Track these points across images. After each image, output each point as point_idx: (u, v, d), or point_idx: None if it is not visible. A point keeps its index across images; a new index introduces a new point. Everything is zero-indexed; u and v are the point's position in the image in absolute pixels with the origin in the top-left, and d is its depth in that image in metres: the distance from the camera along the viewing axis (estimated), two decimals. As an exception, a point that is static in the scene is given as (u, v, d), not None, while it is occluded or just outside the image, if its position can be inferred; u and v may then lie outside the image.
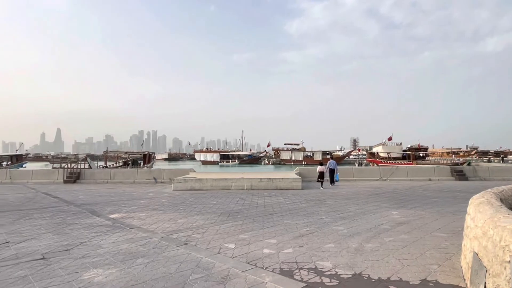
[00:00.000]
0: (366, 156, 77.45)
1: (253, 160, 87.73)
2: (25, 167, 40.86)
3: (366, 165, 61.91)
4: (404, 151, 58.55)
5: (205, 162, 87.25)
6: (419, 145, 61.51)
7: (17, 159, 43.39)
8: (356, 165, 62.41)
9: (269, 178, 17.78)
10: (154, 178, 22.27)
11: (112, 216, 9.75)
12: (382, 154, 58.30)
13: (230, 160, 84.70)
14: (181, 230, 7.82)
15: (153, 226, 8.24)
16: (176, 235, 7.26)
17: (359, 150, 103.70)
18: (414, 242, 6.48)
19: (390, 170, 23.25)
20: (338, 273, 4.81)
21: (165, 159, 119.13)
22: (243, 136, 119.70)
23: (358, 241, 6.56)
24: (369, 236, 7.00)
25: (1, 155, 45.18)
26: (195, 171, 24.03)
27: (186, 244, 6.52)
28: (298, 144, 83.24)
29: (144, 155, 36.64)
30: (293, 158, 77.04)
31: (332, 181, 19.72)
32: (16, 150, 68.65)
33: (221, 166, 77.08)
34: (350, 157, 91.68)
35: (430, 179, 22.31)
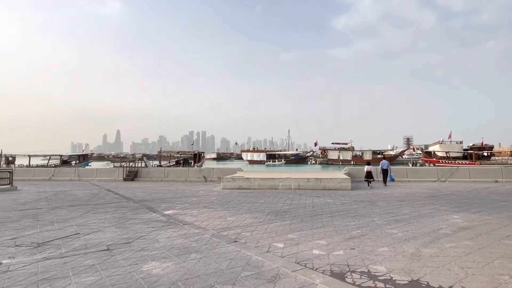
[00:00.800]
0: (421, 156, 72.65)
1: (299, 159, 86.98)
2: (90, 165, 44.86)
3: (421, 165, 58.13)
4: (465, 150, 53.90)
5: (251, 162, 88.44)
6: (482, 143, 56.12)
7: (84, 159, 47.81)
8: (410, 165, 58.84)
9: (317, 178, 17.49)
10: (204, 177, 23.08)
11: (167, 212, 10.31)
12: (439, 154, 54.26)
13: (277, 160, 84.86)
14: (230, 227, 8.02)
15: (204, 223, 8.55)
16: (226, 233, 7.46)
17: (413, 149, 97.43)
18: (480, 249, 5.94)
19: (450, 171, 21.54)
20: (393, 278, 4.59)
21: (214, 159, 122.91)
22: (289, 136, 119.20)
23: (415, 246, 6.18)
24: (427, 240, 6.57)
25: (71, 155, 50.08)
26: (242, 170, 24.46)
27: (236, 241, 6.67)
28: (346, 144, 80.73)
29: (195, 155, 38.18)
30: (341, 158, 74.92)
31: (385, 181, 18.91)
32: (83, 150, 75.81)
33: (267, 165, 77.55)
34: (403, 156, 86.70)
35: (496, 181, 20.25)
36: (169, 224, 8.54)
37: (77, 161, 46.02)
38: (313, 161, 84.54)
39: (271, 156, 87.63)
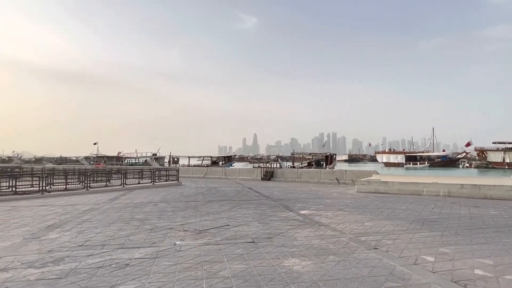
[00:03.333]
0: None
1: (447, 162, 75.00)
2: (233, 166, 50.57)
3: None
4: None
5: (387, 164, 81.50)
6: None
7: (228, 160, 54.35)
8: None
9: (474, 184, 14.69)
10: (337, 179, 22.70)
11: (302, 212, 10.64)
12: None
13: (418, 162, 75.56)
14: (369, 233, 7.63)
15: (340, 226, 8.42)
16: (364, 238, 7.14)
17: None
18: None
19: None
20: None
21: (345, 161, 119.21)
22: (433, 135, 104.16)
23: None
24: None
25: (218, 157, 57.75)
26: (378, 173, 22.86)
27: (376, 248, 6.30)
28: (515, 143, 64.73)
29: (326, 156, 37.99)
30: (507, 161, 60.74)
31: None
32: (227, 152, 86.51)
33: (407, 168, 70.02)
34: None
35: None
36: (305, 223, 8.78)
37: (223, 162, 52.66)
38: (467, 164, 71.47)
39: (411, 158, 78.59)
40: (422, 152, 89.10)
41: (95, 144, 61.55)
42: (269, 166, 28.33)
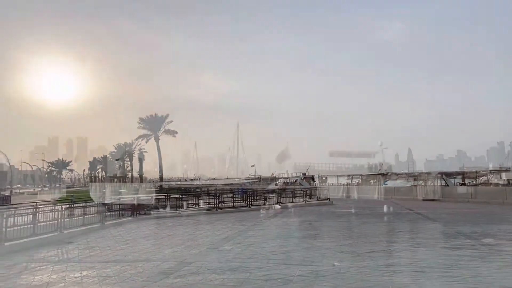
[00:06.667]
0: None
1: None
2: (387, 184, 46.62)
3: None
4: None
5: None
6: None
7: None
8: None
9: None
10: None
11: (485, 241, 8.68)
12: None
13: None
14: None
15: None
16: None
17: None
18: None
19: None
20: None
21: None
22: None
23: None
24: None
25: (369, 175, 54.53)
26: None
27: None
28: None
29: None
30: None
31: None
32: (379, 170, 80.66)
33: None
34: None
35: None
36: (493, 254, 7.11)
37: (375, 180, 49.30)
38: None
39: None
40: None
41: (252, 166, 69.04)
42: (432, 184, 24.67)
